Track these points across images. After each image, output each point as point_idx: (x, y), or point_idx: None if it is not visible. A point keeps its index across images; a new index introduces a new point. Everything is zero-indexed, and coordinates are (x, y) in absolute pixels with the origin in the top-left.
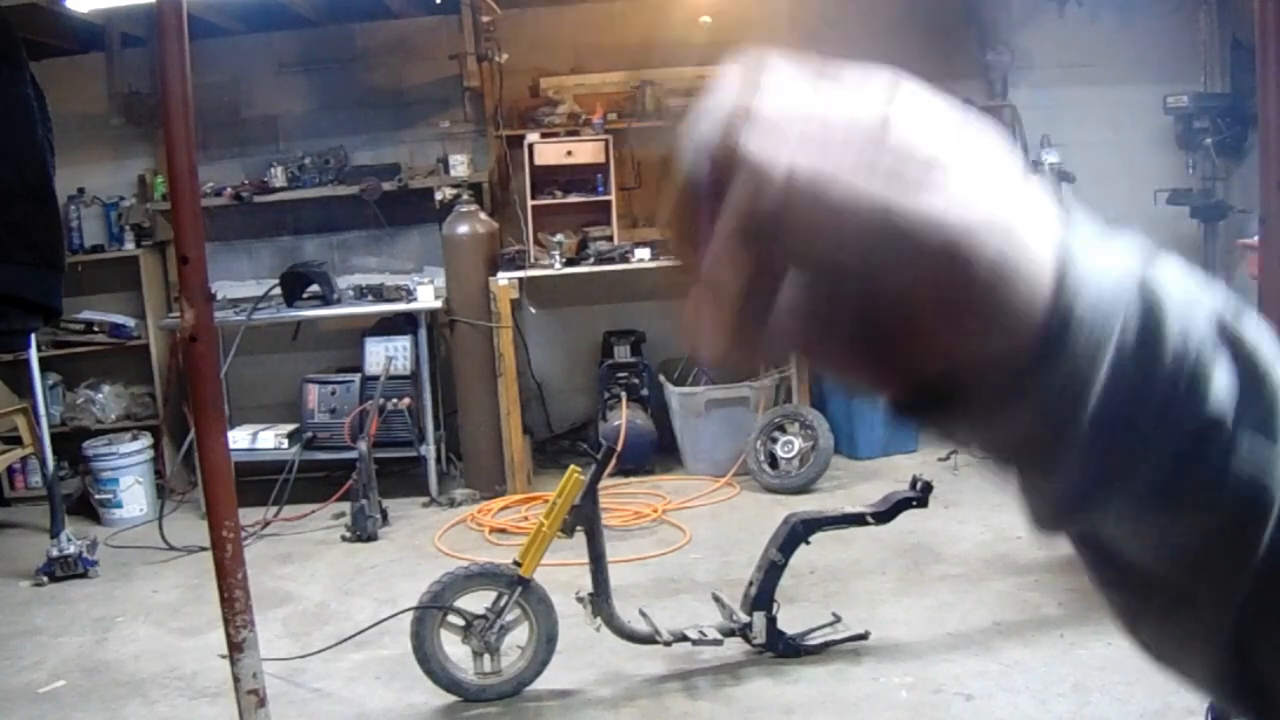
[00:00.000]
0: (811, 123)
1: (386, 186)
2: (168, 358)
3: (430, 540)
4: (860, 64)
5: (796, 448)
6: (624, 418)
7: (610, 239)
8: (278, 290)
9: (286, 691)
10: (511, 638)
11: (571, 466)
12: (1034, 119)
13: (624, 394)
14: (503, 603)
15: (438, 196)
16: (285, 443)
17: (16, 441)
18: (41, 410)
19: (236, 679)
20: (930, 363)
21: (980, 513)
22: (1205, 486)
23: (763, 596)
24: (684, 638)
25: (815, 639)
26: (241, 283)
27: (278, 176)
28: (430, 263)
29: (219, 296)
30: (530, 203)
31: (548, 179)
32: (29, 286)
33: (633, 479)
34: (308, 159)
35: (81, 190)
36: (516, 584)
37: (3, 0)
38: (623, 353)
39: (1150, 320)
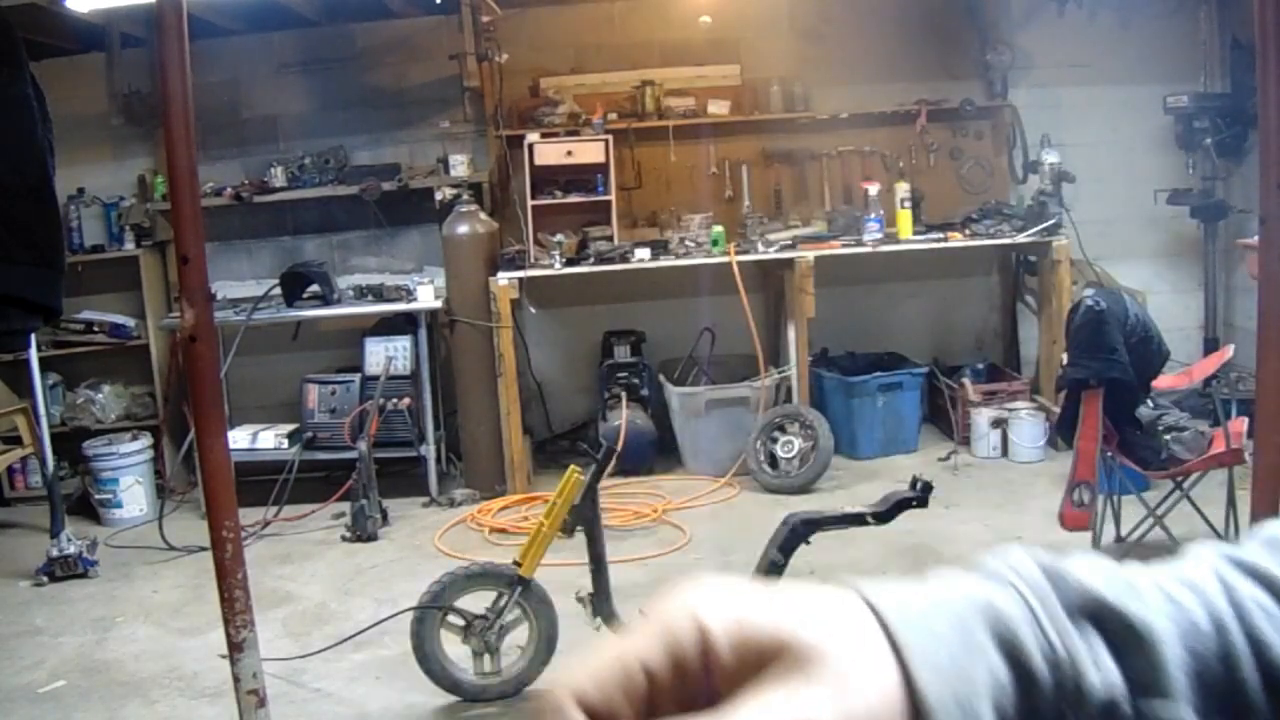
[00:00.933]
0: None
1: (386, 186)
2: (168, 358)
3: (430, 540)
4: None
5: (796, 448)
6: (624, 418)
7: (610, 239)
8: (278, 290)
9: (286, 691)
10: (511, 638)
11: (571, 466)
12: (1034, 119)
13: (624, 394)
14: (503, 603)
15: (438, 196)
16: (285, 443)
17: (16, 441)
18: (41, 410)
19: (236, 679)
20: None
21: (980, 513)
22: None
23: None
24: None
25: None
26: (241, 283)
27: (278, 176)
28: (430, 263)
29: (219, 296)
30: (530, 203)
31: (548, 179)
32: (29, 286)
33: (633, 479)
34: (308, 159)
35: (81, 190)
36: (516, 584)
37: (3, 0)
38: (623, 353)
39: (1013, 661)
